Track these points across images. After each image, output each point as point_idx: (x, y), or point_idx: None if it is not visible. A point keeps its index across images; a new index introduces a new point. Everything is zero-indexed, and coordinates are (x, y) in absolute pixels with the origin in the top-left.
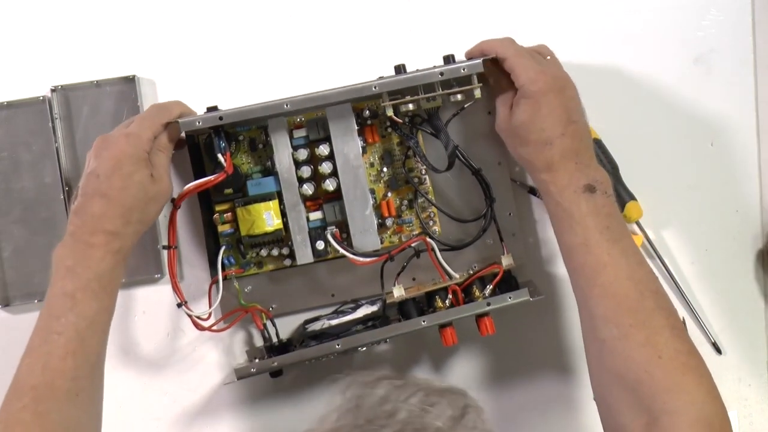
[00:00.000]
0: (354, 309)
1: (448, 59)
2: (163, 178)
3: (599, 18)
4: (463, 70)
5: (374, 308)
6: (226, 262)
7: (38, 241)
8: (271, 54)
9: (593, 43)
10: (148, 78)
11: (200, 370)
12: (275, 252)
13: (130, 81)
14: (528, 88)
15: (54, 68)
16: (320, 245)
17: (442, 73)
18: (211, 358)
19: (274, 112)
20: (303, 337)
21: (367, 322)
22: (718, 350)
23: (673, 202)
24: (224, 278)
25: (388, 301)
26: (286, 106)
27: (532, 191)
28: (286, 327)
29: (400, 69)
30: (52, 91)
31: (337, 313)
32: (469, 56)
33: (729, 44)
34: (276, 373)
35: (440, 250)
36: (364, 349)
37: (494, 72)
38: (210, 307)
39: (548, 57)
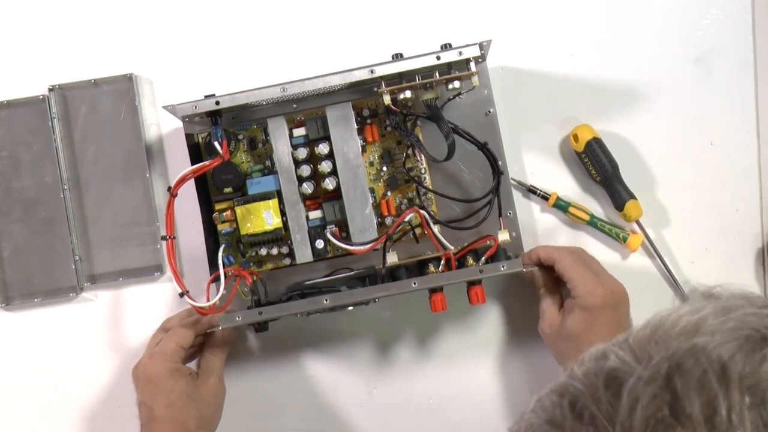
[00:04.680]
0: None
1: (446, 47)
2: (209, 380)
3: (600, 17)
4: (460, 53)
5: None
6: (225, 260)
7: (38, 240)
8: (270, 52)
9: (593, 42)
10: (145, 76)
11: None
12: (275, 251)
13: (127, 79)
14: (586, 300)
15: (51, 67)
16: (320, 244)
17: (438, 57)
18: None
19: (271, 96)
20: (290, 291)
21: (358, 280)
22: None
23: (673, 202)
24: (225, 275)
25: (380, 267)
26: (283, 90)
27: (532, 190)
28: None
29: (397, 56)
30: (50, 90)
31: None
32: (524, 261)
33: (729, 44)
34: (261, 328)
35: (441, 224)
36: (352, 308)
37: (542, 276)
38: (208, 301)
39: (600, 265)
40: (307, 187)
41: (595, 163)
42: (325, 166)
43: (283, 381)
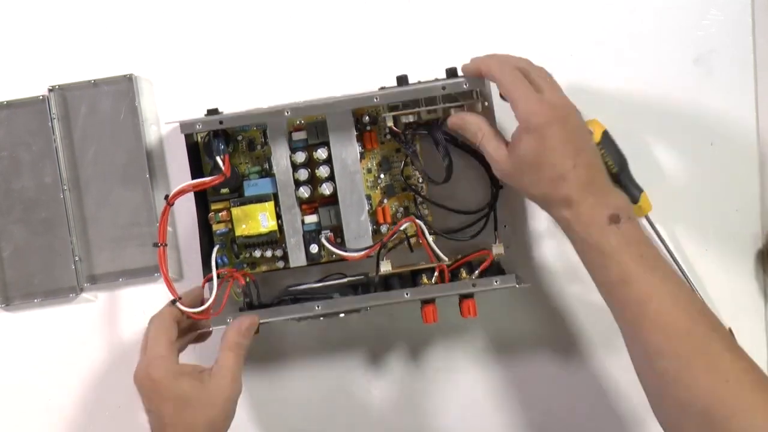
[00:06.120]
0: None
1: (451, 73)
2: (220, 380)
3: (599, 18)
4: (466, 85)
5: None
6: (219, 261)
7: (38, 241)
8: (272, 55)
9: (593, 43)
10: (145, 77)
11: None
12: (269, 253)
13: (127, 80)
14: (530, 121)
15: (51, 68)
16: (314, 249)
17: (444, 87)
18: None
19: (275, 117)
20: (283, 296)
21: (350, 287)
22: None
23: (672, 202)
24: (218, 276)
25: (373, 275)
26: (287, 113)
27: None
28: None
29: (402, 80)
30: (50, 90)
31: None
32: (465, 72)
33: (729, 44)
34: None
35: (437, 235)
36: (344, 315)
37: (476, 119)
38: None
39: (546, 78)
40: (304, 191)
41: (611, 153)
42: (323, 171)
43: (282, 381)
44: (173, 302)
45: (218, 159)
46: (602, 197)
